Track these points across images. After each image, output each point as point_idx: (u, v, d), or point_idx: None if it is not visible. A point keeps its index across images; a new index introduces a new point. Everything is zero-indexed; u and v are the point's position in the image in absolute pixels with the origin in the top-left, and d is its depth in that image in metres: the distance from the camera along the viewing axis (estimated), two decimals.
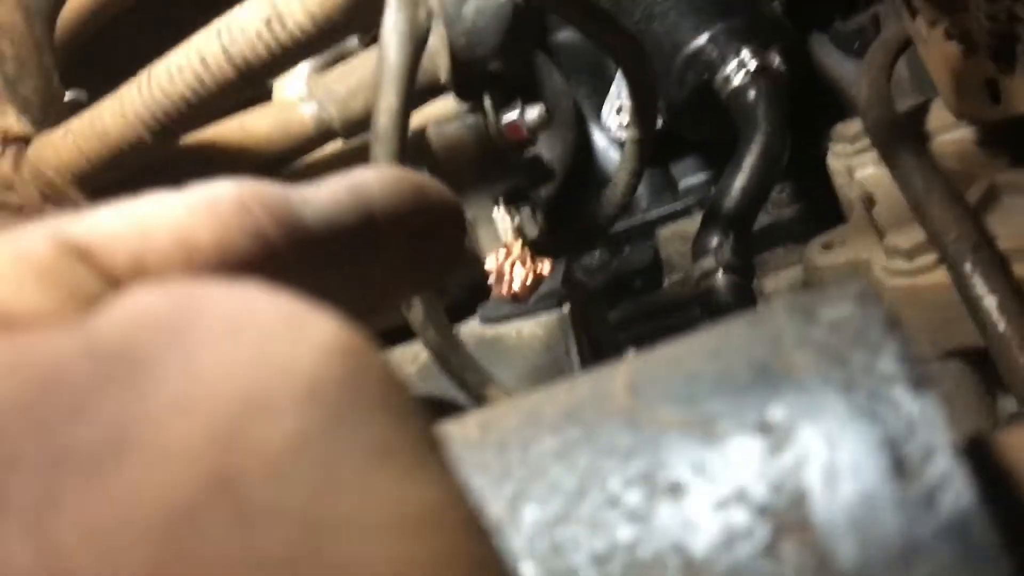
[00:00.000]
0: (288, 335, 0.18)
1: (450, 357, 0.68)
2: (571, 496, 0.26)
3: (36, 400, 0.16)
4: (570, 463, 0.27)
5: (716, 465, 0.24)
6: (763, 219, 1.18)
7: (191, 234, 0.21)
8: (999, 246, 0.79)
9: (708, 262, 0.95)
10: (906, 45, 1.04)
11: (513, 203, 0.84)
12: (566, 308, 0.79)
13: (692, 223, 1.18)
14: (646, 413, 0.27)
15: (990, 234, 0.81)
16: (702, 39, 1.07)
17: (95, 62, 1.07)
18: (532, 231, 0.85)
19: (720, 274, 0.94)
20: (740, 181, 0.96)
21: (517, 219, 0.84)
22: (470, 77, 0.83)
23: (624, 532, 0.25)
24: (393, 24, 0.62)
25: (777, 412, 0.24)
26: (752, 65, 1.03)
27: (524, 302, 0.80)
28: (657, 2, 1.10)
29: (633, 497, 0.25)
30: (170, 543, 0.15)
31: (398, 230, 0.26)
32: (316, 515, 0.16)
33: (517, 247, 0.81)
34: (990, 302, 0.70)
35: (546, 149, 1.06)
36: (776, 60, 1.04)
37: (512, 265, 0.80)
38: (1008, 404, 0.82)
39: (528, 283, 0.81)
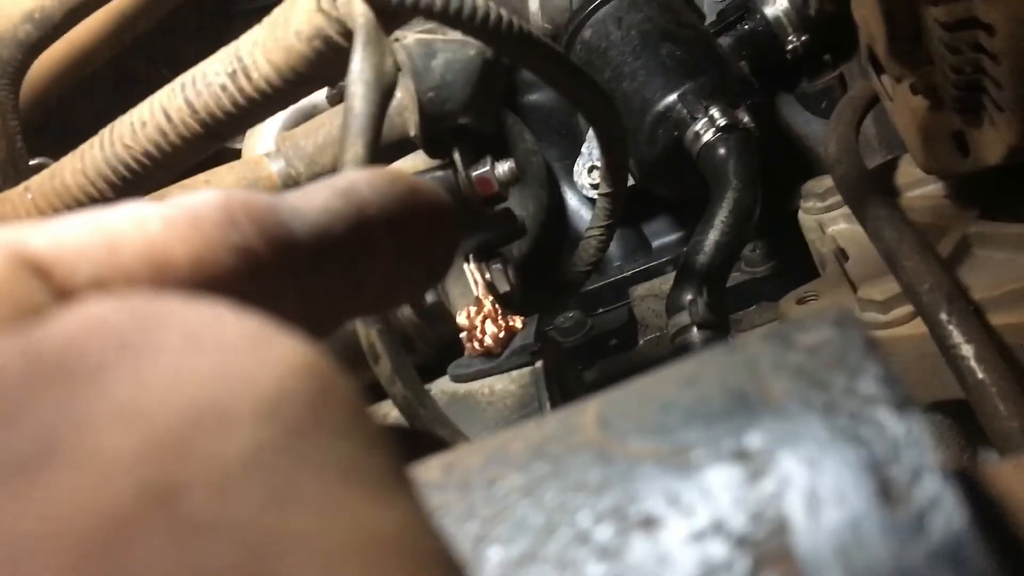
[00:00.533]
0: (253, 351, 0.17)
1: (419, 413, 0.66)
2: (538, 534, 0.25)
3: None
4: (537, 499, 0.26)
5: (691, 496, 0.23)
6: (737, 277, 1.17)
7: (165, 250, 0.20)
8: (972, 297, 0.79)
9: (682, 318, 0.94)
10: (873, 102, 1.05)
11: (484, 258, 0.83)
12: (539, 363, 0.78)
13: (666, 281, 1.18)
14: (617, 446, 0.25)
15: (963, 286, 0.80)
16: (671, 97, 1.07)
17: (60, 131, 1.06)
18: (503, 286, 0.83)
19: (695, 330, 0.93)
20: (713, 236, 0.96)
21: (488, 274, 0.83)
22: (439, 132, 0.82)
23: (595, 570, 0.23)
24: (359, 73, 0.62)
25: (755, 439, 0.23)
26: (722, 122, 1.04)
27: (496, 358, 0.79)
28: (627, 62, 1.11)
29: (604, 533, 0.23)
30: (96, 556, 0.13)
31: (391, 233, 0.25)
32: (264, 531, 0.15)
33: (488, 303, 0.80)
34: (967, 351, 0.69)
35: (518, 208, 1.06)
36: (745, 117, 1.05)
37: (483, 320, 0.79)
38: (990, 457, 0.81)
39: (500, 338, 0.79)
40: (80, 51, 1.06)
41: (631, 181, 1.16)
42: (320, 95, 1.02)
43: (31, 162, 1.00)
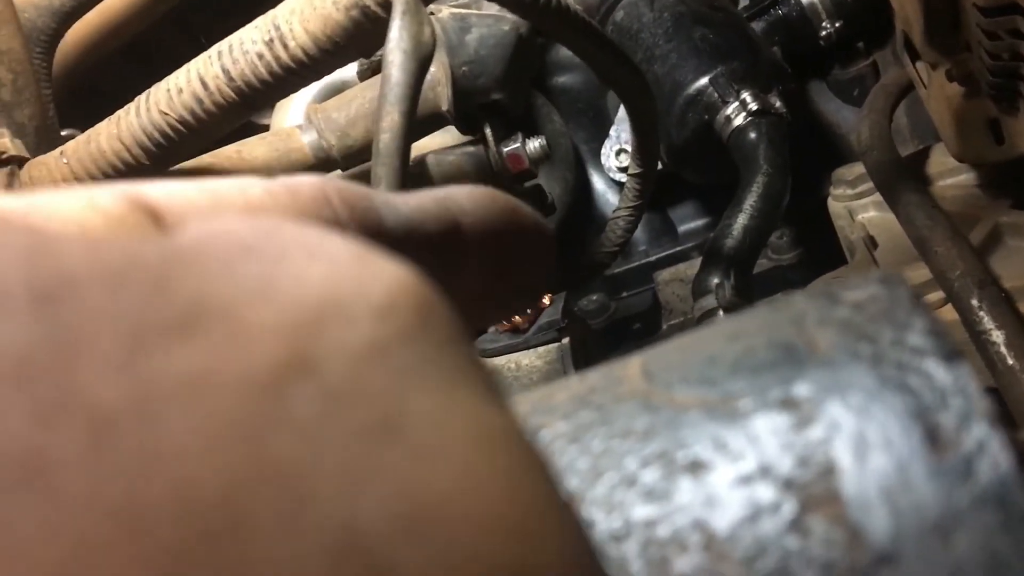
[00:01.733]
0: (363, 264, 0.18)
1: None
2: (585, 478, 0.25)
3: (115, 277, 0.16)
4: (583, 446, 0.26)
5: (739, 442, 0.23)
6: (764, 265, 1.17)
7: (263, 212, 0.21)
8: (1003, 286, 0.78)
9: (708, 301, 0.93)
10: (906, 90, 1.04)
11: None
12: (565, 340, 0.78)
13: (691, 267, 1.17)
14: (662, 395, 0.25)
15: (994, 274, 0.80)
16: (703, 81, 1.07)
17: (91, 104, 1.06)
18: None
19: (721, 314, 0.92)
20: (742, 220, 0.95)
21: None
22: (471, 107, 0.82)
23: (641, 511, 0.23)
24: (397, 42, 0.62)
25: (802, 388, 0.23)
26: (753, 106, 1.03)
27: (523, 334, 0.79)
28: (658, 44, 1.10)
29: (651, 476, 0.23)
30: (249, 407, 0.14)
31: (484, 248, 0.25)
32: (395, 403, 0.16)
33: None
34: (998, 337, 0.69)
35: (545, 189, 1.05)
36: (777, 102, 1.04)
37: None
38: None
39: (527, 314, 0.79)
40: (114, 21, 1.06)
41: (660, 165, 1.16)
42: (350, 71, 1.02)
43: (63, 132, 1.01)
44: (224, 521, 0.14)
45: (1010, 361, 0.68)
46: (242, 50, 0.72)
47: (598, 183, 1.25)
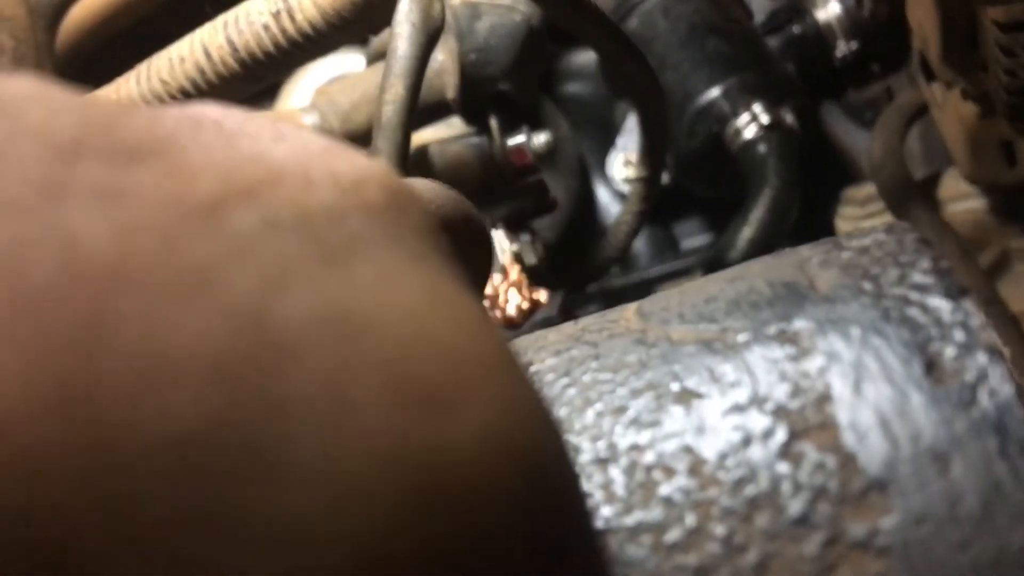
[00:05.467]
0: (334, 152, 0.18)
1: None
2: (574, 407, 0.24)
3: (59, 109, 0.15)
4: (573, 379, 0.25)
5: (733, 373, 0.22)
6: None
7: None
8: (1011, 309, 0.77)
9: None
10: (920, 113, 1.03)
11: (513, 228, 0.82)
12: None
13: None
14: (658, 331, 0.25)
15: (1002, 298, 0.78)
16: (715, 91, 1.06)
17: (94, 87, 1.05)
18: (531, 259, 0.82)
19: None
20: (747, 232, 0.94)
21: (516, 245, 0.81)
22: (477, 96, 0.81)
23: (629, 437, 0.23)
24: (406, 14, 0.61)
25: (801, 323, 0.23)
26: (764, 119, 1.02)
27: (518, 328, 0.77)
28: (671, 53, 1.09)
29: (641, 405, 0.23)
30: (182, 219, 0.14)
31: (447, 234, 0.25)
32: (343, 249, 0.15)
33: (515, 272, 0.78)
34: (1004, 354, 0.67)
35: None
36: (788, 117, 1.03)
37: (508, 289, 0.77)
38: None
39: (523, 310, 0.77)
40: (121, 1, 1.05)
41: (666, 178, 1.15)
42: (361, 61, 1.01)
43: None
44: (112, 277, 0.12)
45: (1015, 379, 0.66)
46: (248, 21, 0.70)
47: (602, 193, 1.24)
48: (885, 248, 0.25)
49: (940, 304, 0.23)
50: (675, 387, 0.23)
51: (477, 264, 0.28)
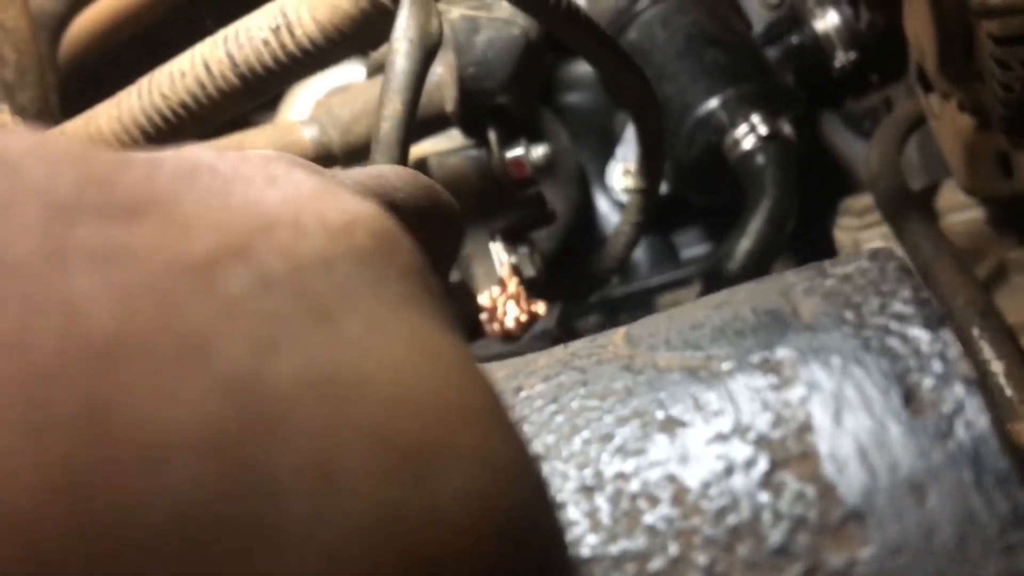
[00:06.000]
0: (326, 195, 0.19)
1: None
2: (562, 434, 0.25)
3: (57, 164, 0.16)
4: (561, 405, 0.26)
5: (717, 402, 0.23)
6: None
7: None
8: (1007, 321, 0.77)
9: None
10: (917, 124, 1.03)
11: (511, 241, 0.82)
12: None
13: (692, 293, 1.16)
14: (645, 357, 0.25)
15: (998, 309, 0.79)
16: (713, 102, 1.06)
17: (97, 98, 1.06)
18: (529, 271, 0.82)
19: None
20: (745, 244, 0.94)
21: (514, 257, 0.81)
22: (476, 109, 0.81)
23: (615, 465, 0.23)
24: (404, 31, 0.61)
25: (783, 351, 0.23)
26: (762, 130, 1.02)
27: (516, 342, 0.78)
28: (670, 63, 1.10)
29: (627, 433, 0.23)
30: (178, 279, 0.15)
31: (411, 222, 0.26)
32: (332, 303, 0.16)
33: (513, 284, 0.79)
34: (997, 367, 0.68)
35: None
36: (787, 128, 1.04)
37: (506, 302, 0.78)
38: None
39: (522, 322, 0.78)
40: (124, 11, 1.06)
41: (665, 188, 1.15)
42: (361, 75, 1.02)
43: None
44: (111, 350, 0.13)
45: (1008, 392, 0.66)
46: (248, 36, 0.71)
47: (602, 203, 1.24)
48: (868, 276, 0.25)
49: (919, 334, 0.23)
50: (660, 415, 0.23)
51: (447, 249, 0.28)
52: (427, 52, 0.61)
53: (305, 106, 1.09)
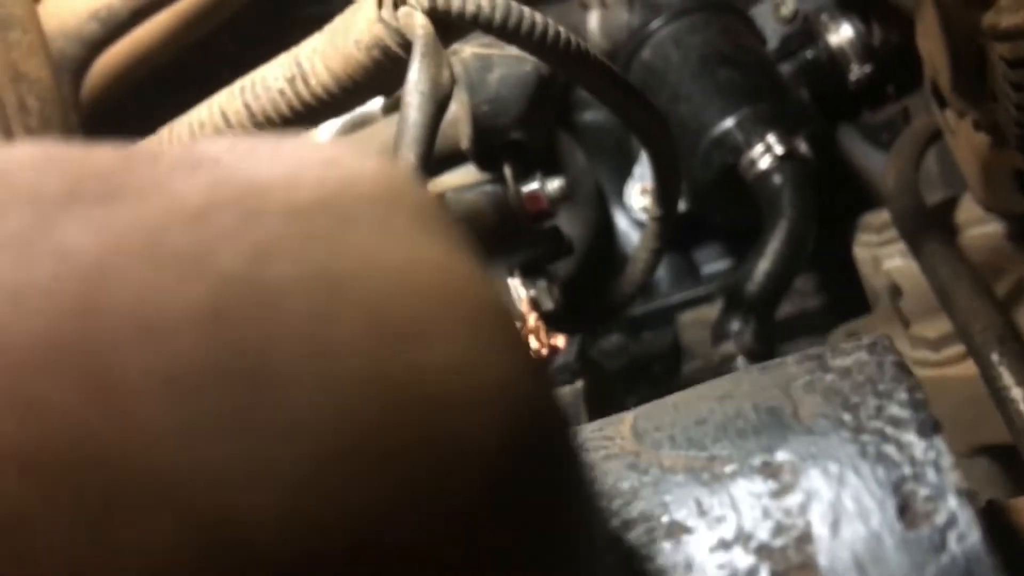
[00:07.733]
0: (329, 162, 0.19)
1: None
2: None
3: (46, 160, 0.17)
4: None
5: (719, 507, 0.24)
6: (786, 309, 1.16)
7: None
8: None
9: (728, 347, 0.93)
10: (935, 137, 1.03)
11: (529, 275, 0.83)
12: (580, 383, 0.77)
13: (713, 310, 1.16)
14: (650, 455, 0.26)
15: (1018, 328, 0.79)
16: (729, 122, 1.06)
17: (120, 135, 1.07)
18: (547, 304, 0.83)
19: (740, 360, 0.91)
20: (764, 265, 0.94)
21: (532, 291, 0.82)
22: (491, 145, 0.82)
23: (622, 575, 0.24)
24: (415, 84, 0.62)
25: (783, 455, 0.24)
26: (779, 150, 1.02)
27: None
28: (684, 84, 1.10)
29: (633, 538, 0.24)
30: (166, 215, 0.16)
31: None
32: (333, 235, 0.17)
33: (532, 319, 0.79)
34: (1017, 394, 0.68)
35: (566, 227, 1.05)
36: (803, 146, 1.04)
37: (526, 337, 0.78)
38: None
39: (542, 356, 0.79)
40: (143, 50, 1.08)
41: (683, 206, 1.15)
42: (375, 104, 1.03)
43: None
44: (100, 269, 0.15)
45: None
46: (264, 86, 0.72)
47: (621, 222, 1.25)
48: (865, 371, 0.26)
49: (914, 441, 0.23)
50: (665, 519, 0.24)
51: None
52: (439, 104, 0.62)
53: (322, 138, 1.10)
